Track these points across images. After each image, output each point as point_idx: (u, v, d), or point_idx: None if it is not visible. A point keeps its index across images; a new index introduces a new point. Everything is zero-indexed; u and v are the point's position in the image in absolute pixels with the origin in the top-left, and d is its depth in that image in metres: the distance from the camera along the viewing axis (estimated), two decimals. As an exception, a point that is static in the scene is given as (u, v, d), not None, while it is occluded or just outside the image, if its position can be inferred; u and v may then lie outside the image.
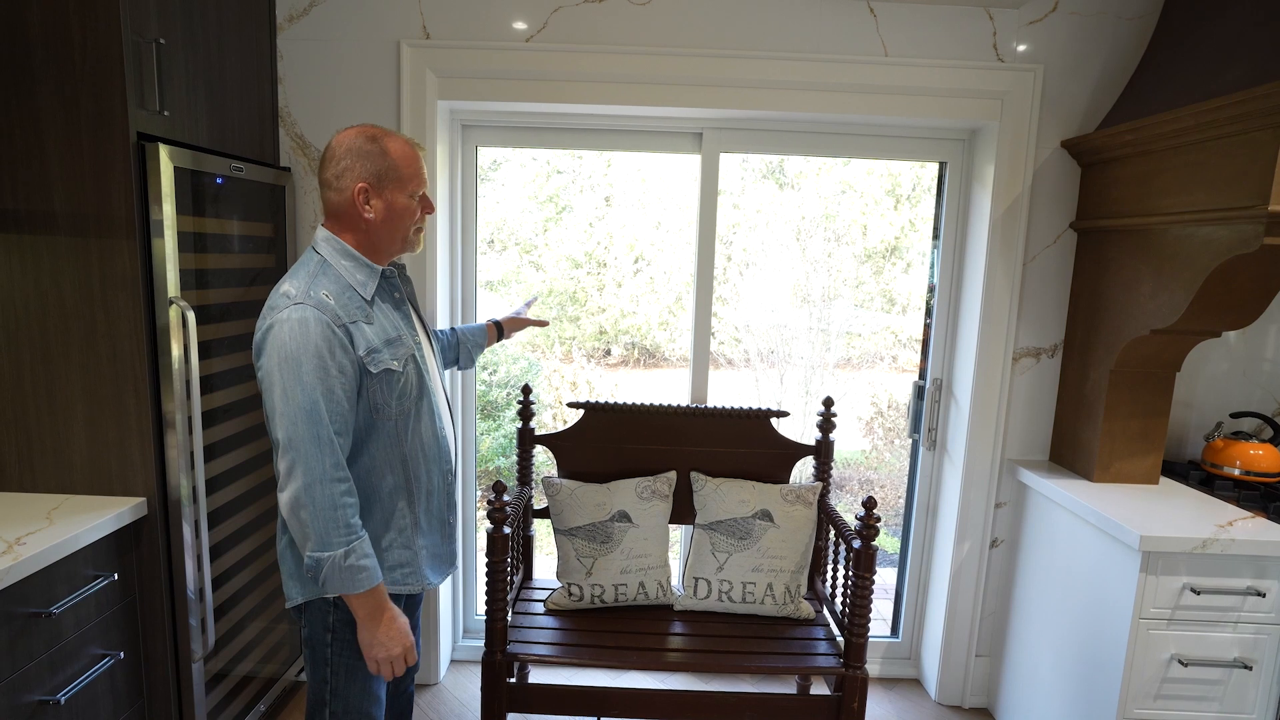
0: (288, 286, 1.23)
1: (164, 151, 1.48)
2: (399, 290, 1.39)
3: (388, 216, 1.30)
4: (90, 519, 1.42)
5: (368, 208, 1.29)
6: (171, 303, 1.52)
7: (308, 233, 2.07)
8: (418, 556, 1.39)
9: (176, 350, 1.54)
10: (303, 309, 1.19)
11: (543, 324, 2.03)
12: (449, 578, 1.55)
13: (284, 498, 1.21)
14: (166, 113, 1.53)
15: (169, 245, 1.51)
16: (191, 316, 1.54)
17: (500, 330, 1.94)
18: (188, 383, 1.56)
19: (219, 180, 1.69)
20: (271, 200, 1.94)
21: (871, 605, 1.72)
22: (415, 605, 1.58)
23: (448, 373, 2.00)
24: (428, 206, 1.37)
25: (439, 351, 1.56)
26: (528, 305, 2.03)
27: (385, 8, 1.97)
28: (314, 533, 1.20)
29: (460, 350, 1.83)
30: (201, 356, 1.64)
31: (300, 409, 1.18)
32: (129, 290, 1.48)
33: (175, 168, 1.52)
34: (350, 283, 1.28)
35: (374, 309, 1.30)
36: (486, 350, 1.93)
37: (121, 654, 1.50)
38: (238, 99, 1.82)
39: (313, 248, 1.31)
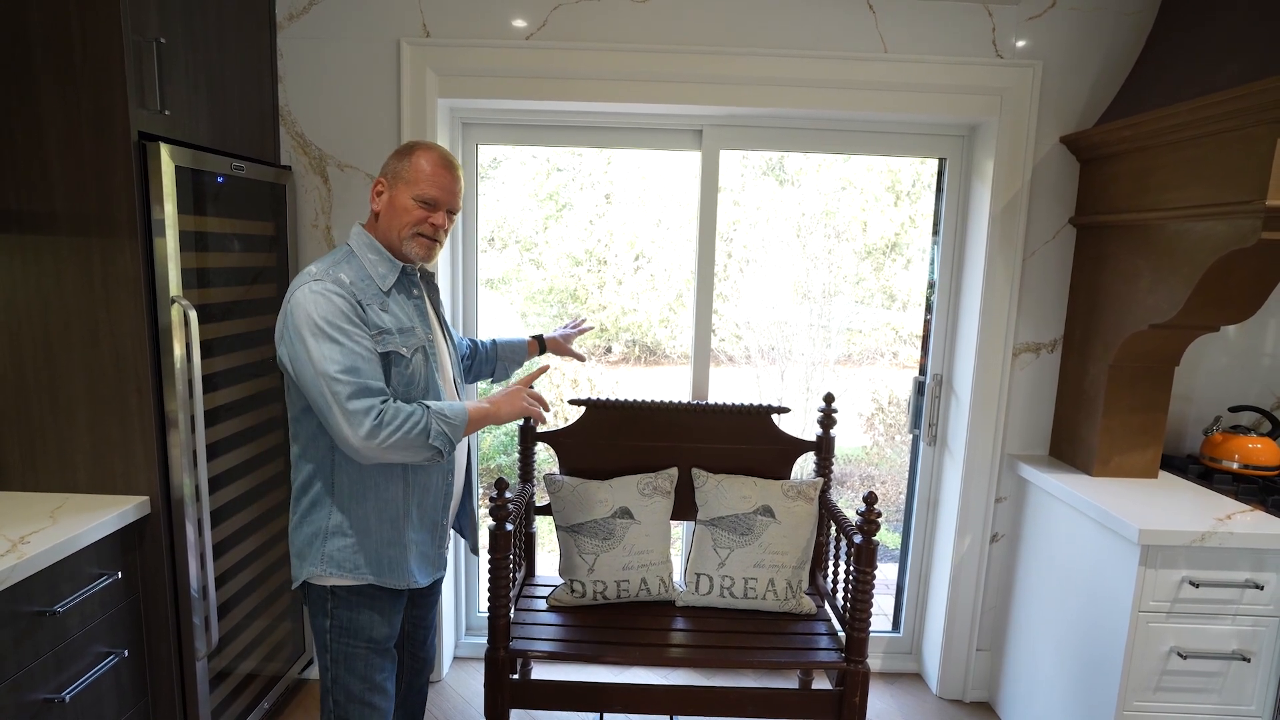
0: (311, 267, 1.34)
1: (165, 151, 1.48)
2: (418, 287, 1.44)
3: (387, 211, 1.38)
4: (93, 518, 1.43)
5: (376, 199, 1.40)
6: (173, 302, 1.52)
7: (309, 231, 2.08)
8: (407, 552, 1.41)
9: (179, 349, 1.54)
10: (322, 284, 1.29)
11: (580, 358, 2.02)
12: (438, 580, 1.55)
13: (359, 447, 1.25)
14: (167, 112, 1.54)
15: (170, 244, 1.51)
16: (193, 315, 1.54)
17: (542, 345, 1.93)
18: (190, 381, 1.57)
19: (220, 179, 1.70)
20: (272, 199, 1.94)
21: (873, 600, 1.73)
22: (428, 599, 1.60)
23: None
24: (436, 217, 1.38)
25: (457, 358, 1.58)
26: (578, 328, 1.99)
27: (385, 6, 1.97)
28: (415, 438, 1.27)
29: (497, 364, 1.85)
30: (203, 355, 1.64)
31: (336, 363, 1.24)
32: (131, 289, 1.49)
33: (176, 167, 1.52)
34: (371, 273, 1.36)
35: (390, 300, 1.37)
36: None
37: (126, 652, 1.50)
38: (238, 98, 1.82)
39: (347, 240, 1.41)
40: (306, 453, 1.38)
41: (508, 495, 1.71)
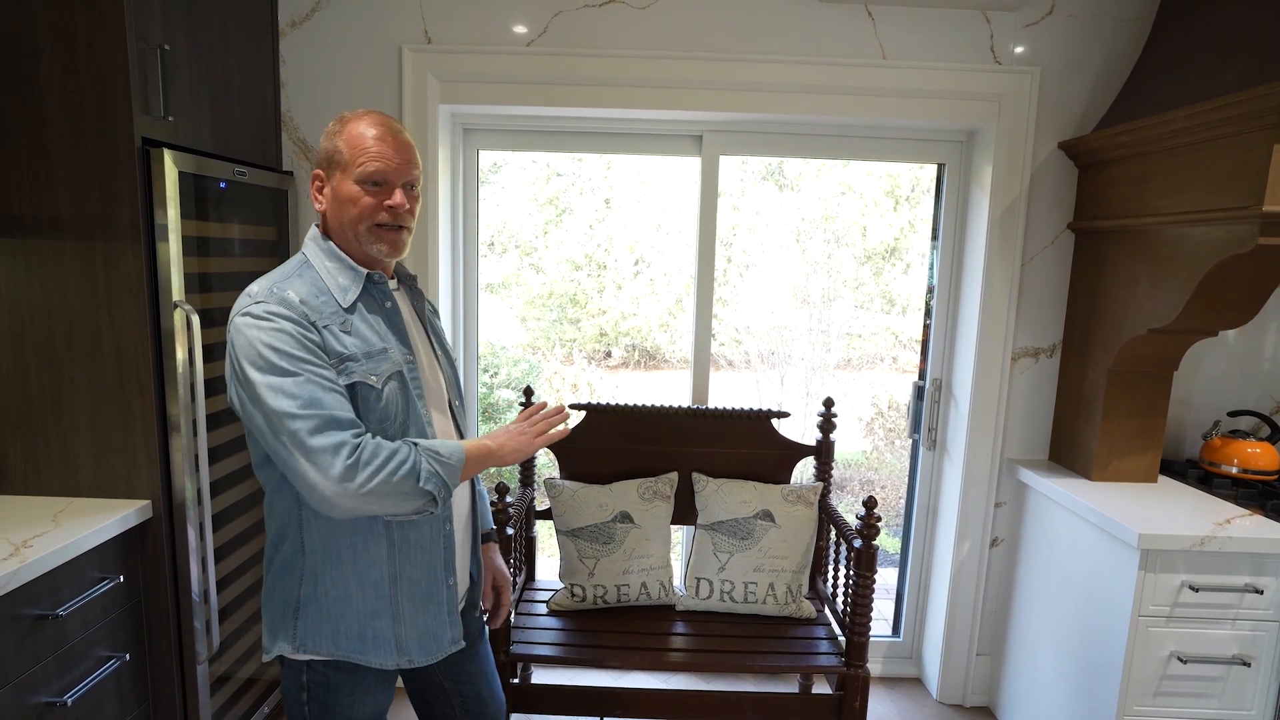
0: (253, 285, 1.10)
1: (168, 156, 1.49)
2: (390, 299, 1.18)
3: (334, 207, 1.13)
4: (96, 521, 1.43)
5: (320, 197, 1.15)
6: (176, 306, 1.53)
7: (310, 236, 2.08)
8: (397, 623, 1.15)
9: (181, 353, 1.55)
10: (264, 305, 1.05)
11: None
12: (474, 632, 1.33)
13: (331, 494, 1.01)
14: (170, 118, 1.54)
15: (173, 249, 1.52)
16: (196, 320, 1.55)
17: None
18: (192, 386, 1.57)
19: (222, 184, 1.70)
20: (274, 204, 1.95)
21: (872, 604, 1.73)
22: (467, 650, 1.31)
23: None
24: (393, 198, 1.11)
25: (453, 377, 1.31)
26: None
27: (387, 12, 1.98)
28: (402, 481, 1.03)
29: None
30: (205, 360, 1.64)
31: (292, 397, 1.01)
32: (134, 294, 1.49)
33: (179, 172, 1.53)
34: (329, 286, 1.12)
35: (354, 318, 1.11)
36: (488, 354, 1.83)
37: (127, 656, 1.50)
38: (240, 103, 1.83)
39: (302, 248, 1.18)
40: (273, 508, 1.15)
41: (508, 500, 1.72)
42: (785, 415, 2.14)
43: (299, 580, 1.14)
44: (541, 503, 2.14)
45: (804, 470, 2.23)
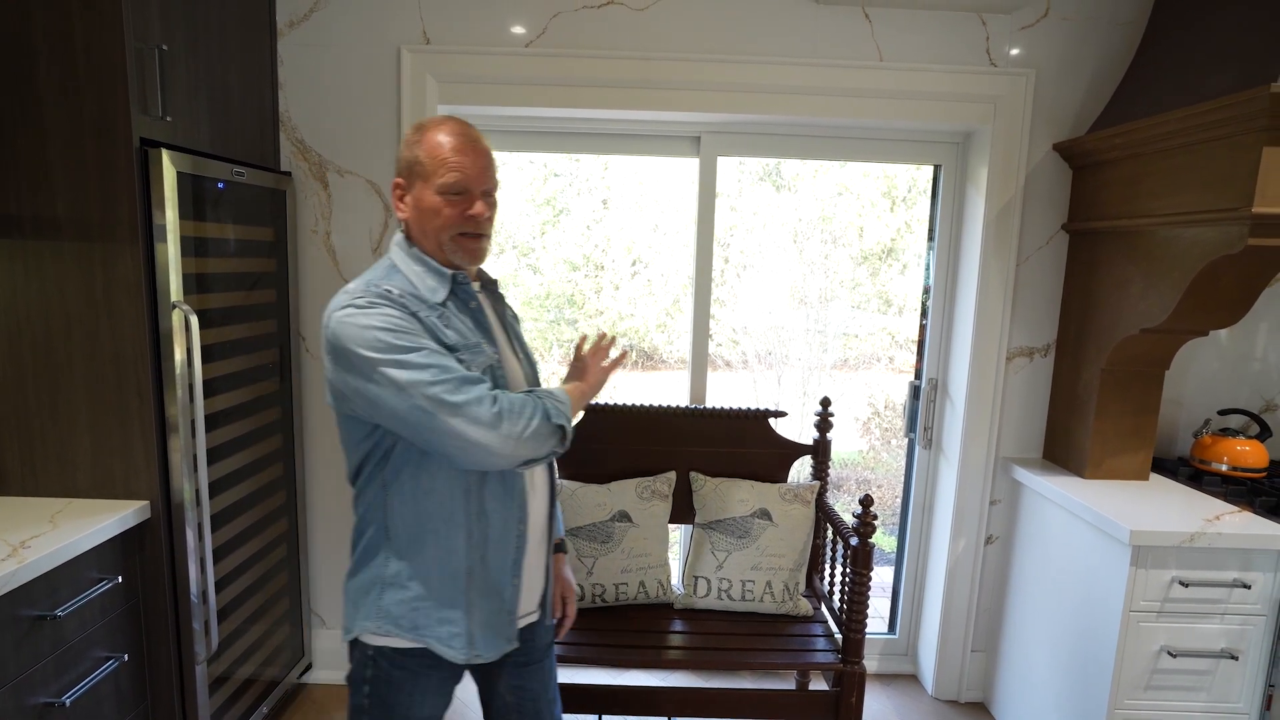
0: (350, 284, 1.15)
1: (166, 157, 1.49)
2: (475, 300, 1.21)
3: (416, 216, 1.17)
4: (94, 522, 1.43)
5: (401, 205, 1.19)
6: (174, 307, 1.53)
7: (308, 237, 2.08)
8: (468, 616, 1.18)
9: (179, 354, 1.55)
10: (366, 298, 1.10)
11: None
12: (543, 644, 1.35)
13: (491, 442, 1.06)
14: (169, 118, 1.54)
15: (171, 250, 1.52)
16: (194, 320, 1.55)
17: None
18: (190, 386, 1.57)
19: (220, 185, 1.70)
20: (272, 204, 1.94)
21: (869, 602, 1.75)
22: (528, 664, 1.33)
23: None
24: (474, 207, 1.15)
25: (536, 380, 1.34)
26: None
27: (385, 13, 1.98)
28: (541, 423, 1.11)
29: None
30: (204, 360, 1.65)
31: (422, 368, 1.05)
32: (132, 294, 1.49)
33: (177, 173, 1.53)
34: (419, 287, 1.15)
35: (447, 312, 1.16)
36: None
37: (126, 656, 1.50)
38: (239, 104, 1.83)
39: (389, 253, 1.21)
40: (363, 494, 1.19)
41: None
42: (782, 415, 2.15)
43: (385, 562, 1.17)
44: (540, 502, 2.15)
45: (801, 469, 2.24)
